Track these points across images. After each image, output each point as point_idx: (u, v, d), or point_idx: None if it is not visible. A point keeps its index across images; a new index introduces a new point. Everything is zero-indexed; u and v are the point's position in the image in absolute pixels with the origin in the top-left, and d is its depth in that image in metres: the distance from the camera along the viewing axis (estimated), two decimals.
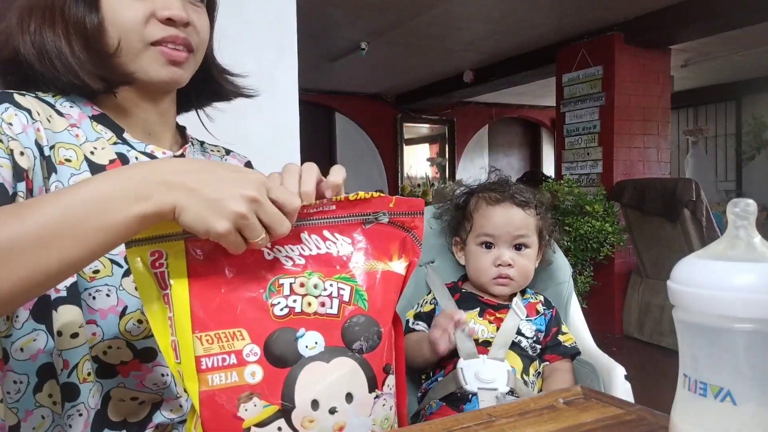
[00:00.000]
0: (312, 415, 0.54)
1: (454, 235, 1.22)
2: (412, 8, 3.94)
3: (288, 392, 0.54)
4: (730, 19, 3.79)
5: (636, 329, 4.10)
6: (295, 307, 0.57)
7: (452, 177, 7.57)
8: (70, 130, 0.70)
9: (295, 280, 0.58)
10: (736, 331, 0.45)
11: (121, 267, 0.69)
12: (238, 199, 0.52)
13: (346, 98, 6.97)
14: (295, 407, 0.54)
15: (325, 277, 0.59)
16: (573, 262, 4.11)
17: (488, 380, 1.02)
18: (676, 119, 6.77)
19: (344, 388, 0.56)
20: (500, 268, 1.11)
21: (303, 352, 0.56)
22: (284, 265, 0.59)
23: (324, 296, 0.58)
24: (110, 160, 0.72)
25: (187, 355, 0.54)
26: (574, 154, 4.65)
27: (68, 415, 0.66)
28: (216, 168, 0.55)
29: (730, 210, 0.48)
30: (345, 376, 0.57)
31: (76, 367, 0.66)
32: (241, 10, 1.59)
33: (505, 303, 1.13)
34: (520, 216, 1.12)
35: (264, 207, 0.53)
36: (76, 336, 0.66)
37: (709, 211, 3.55)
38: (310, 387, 0.55)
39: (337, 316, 0.58)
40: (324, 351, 0.56)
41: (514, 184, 1.17)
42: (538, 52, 4.98)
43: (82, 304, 0.66)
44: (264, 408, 0.54)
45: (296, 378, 0.55)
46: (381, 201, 0.63)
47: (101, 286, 0.68)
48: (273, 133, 1.62)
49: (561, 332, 1.13)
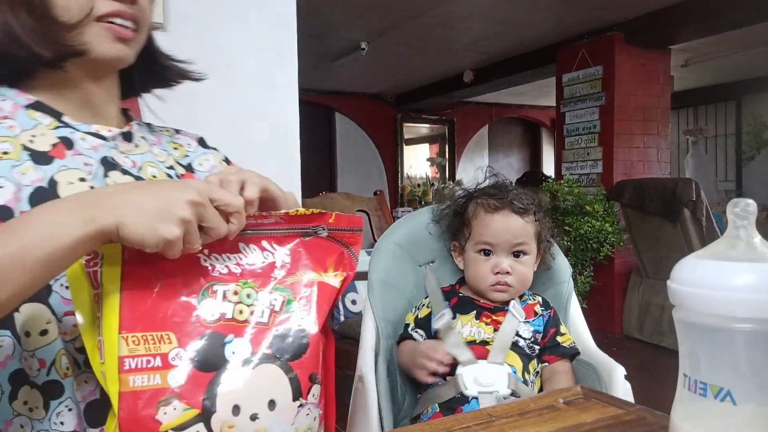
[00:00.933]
0: (232, 420, 0.54)
1: (452, 240, 1.21)
2: (412, 8, 3.94)
3: (210, 397, 0.54)
4: (730, 19, 3.79)
5: (636, 329, 4.10)
6: (226, 314, 0.57)
7: (452, 177, 7.56)
8: (2, 122, 0.68)
9: (229, 287, 0.59)
10: (736, 331, 0.45)
11: None
12: (183, 205, 0.53)
13: (346, 98, 6.97)
14: (216, 412, 0.53)
15: (259, 288, 0.60)
16: (573, 262, 4.11)
17: (488, 384, 1.02)
18: (676, 119, 6.77)
19: (267, 395, 0.56)
20: (499, 275, 1.11)
21: (229, 358, 0.56)
22: (220, 273, 0.59)
23: (256, 306, 0.59)
24: (52, 145, 0.70)
25: (111, 356, 0.54)
26: (574, 154, 4.65)
27: (57, 412, 0.65)
28: (157, 182, 0.57)
29: (730, 210, 0.48)
30: (269, 383, 0.57)
31: (54, 364, 0.65)
32: (241, 10, 1.59)
33: (501, 305, 1.13)
34: (519, 224, 1.12)
35: (207, 209, 0.55)
36: (46, 333, 0.64)
37: (709, 211, 3.55)
38: (233, 392, 0.54)
39: (266, 325, 0.59)
40: (250, 357, 0.56)
41: (513, 190, 1.16)
42: (538, 52, 4.98)
43: (54, 297, 0.65)
44: (183, 412, 0.53)
45: (219, 383, 0.54)
46: (321, 217, 0.64)
47: None
48: (273, 133, 1.62)
49: (559, 333, 1.13)
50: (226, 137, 1.56)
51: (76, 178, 0.68)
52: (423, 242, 1.26)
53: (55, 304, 0.65)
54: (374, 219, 3.00)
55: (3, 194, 0.63)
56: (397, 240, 1.25)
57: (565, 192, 4.22)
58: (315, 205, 2.95)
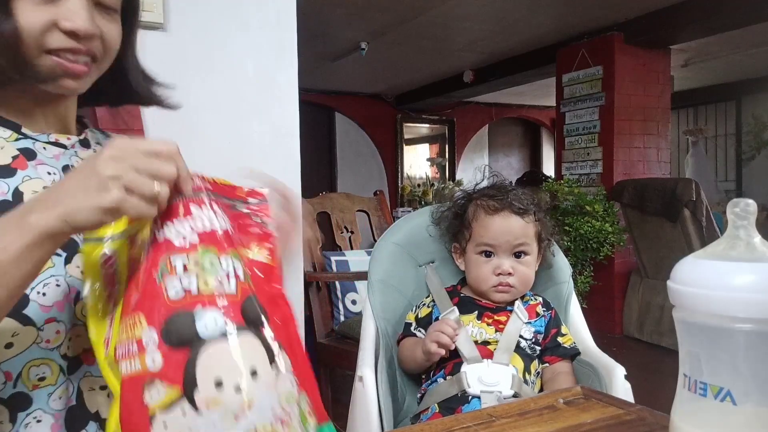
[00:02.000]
0: (217, 395, 0.52)
1: (453, 241, 1.21)
2: (412, 8, 3.94)
3: (189, 375, 0.52)
4: (730, 19, 3.79)
5: (636, 329, 4.10)
6: (192, 289, 0.55)
7: (452, 177, 7.56)
8: None
9: (188, 257, 0.56)
10: (736, 331, 0.45)
11: (60, 255, 0.67)
12: (104, 165, 0.52)
13: (346, 98, 6.96)
14: (198, 389, 0.52)
15: (219, 254, 0.57)
16: (573, 262, 4.11)
17: (492, 383, 1.02)
18: (676, 119, 6.77)
19: (248, 365, 0.54)
20: (500, 276, 1.10)
21: (202, 333, 0.54)
22: (174, 243, 0.56)
23: (221, 274, 0.56)
24: (13, 157, 0.69)
25: (112, 346, 0.55)
26: (574, 154, 4.65)
27: (25, 424, 0.64)
28: (81, 163, 0.56)
29: (730, 210, 0.48)
30: (248, 353, 0.55)
31: (20, 376, 0.64)
32: (241, 10, 1.59)
33: (503, 306, 1.13)
34: (519, 225, 1.12)
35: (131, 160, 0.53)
36: (11, 346, 0.63)
37: (709, 211, 3.55)
38: (212, 367, 0.53)
39: (235, 295, 0.56)
40: (225, 329, 0.54)
41: (512, 190, 1.16)
42: (538, 52, 4.98)
43: (31, 307, 0.64)
44: (166, 393, 0.52)
45: (197, 359, 0.53)
46: (232, 189, 0.64)
47: (48, 278, 0.66)
48: (273, 133, 1.62)
49: (560, 333, 1.13)
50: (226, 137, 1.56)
51: (40, 188, 0.68)
52: (423, 242, 1.26)
53: (33, 313, 0.64)
54: (374, 219, 2.99)
55: None
56: (397, 240, 1.25)
57: (565, 192, 4.22)
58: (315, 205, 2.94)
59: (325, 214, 2.92)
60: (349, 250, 2.87)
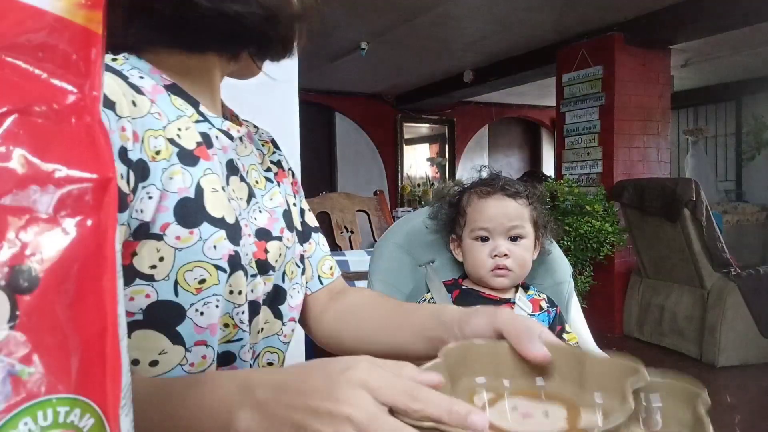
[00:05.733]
0: None
1: (450, 233, 1.22)
2: (412, 8, 3.94)
3: None
4: (730, 19, 3.78)
5: (636, 329, 4.10)
6: None
7: (452, 177, 7.56)
8: (152, 111, 0.55)
9: None
10: None
11: (225, 272, 0.56)
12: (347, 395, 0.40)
13: (346, 98, 6.96)
14: None
15: None
16: (573, 262, 4.11)
17: None
18: (676, 119, 6.76)
19: None
20: (497, 259, 1.11)
21: None
22: None
23: None
24: (197, 143, 0.58)
25: None
26: (574, 154, 4.65)
27: None
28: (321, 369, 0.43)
29: None
30: None
31: None
32: None
33: (506, 297, 1.13)
34: (513, 206, 1.13)
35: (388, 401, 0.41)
36: (156, 364, 0.55)
37: (709, 211, 3.55)
38: None
39: None
40: None
41: (505, 177, 1.18)
42: (538, 52, 4.97)
43: (186, 323, 0.55)
44: None
45: None
46: None
47: (210, 297, 0.56)
48: (273, 133, 1.62)
49: (565, 331, 1.13)
50: None
51: (218, 186, 0.58)
52: (423, 242, 1.26)
53: (186, 332, 0.57)
54: (374, 219, 2.99)
55: (149, 207, 0.52)
56: (397, 240, 1.25)
57: (565, 192, 4.22)
58: (315, 205, 2.93)
59: (325, 214, 2.92)
60: (349, 250, 2.87)
